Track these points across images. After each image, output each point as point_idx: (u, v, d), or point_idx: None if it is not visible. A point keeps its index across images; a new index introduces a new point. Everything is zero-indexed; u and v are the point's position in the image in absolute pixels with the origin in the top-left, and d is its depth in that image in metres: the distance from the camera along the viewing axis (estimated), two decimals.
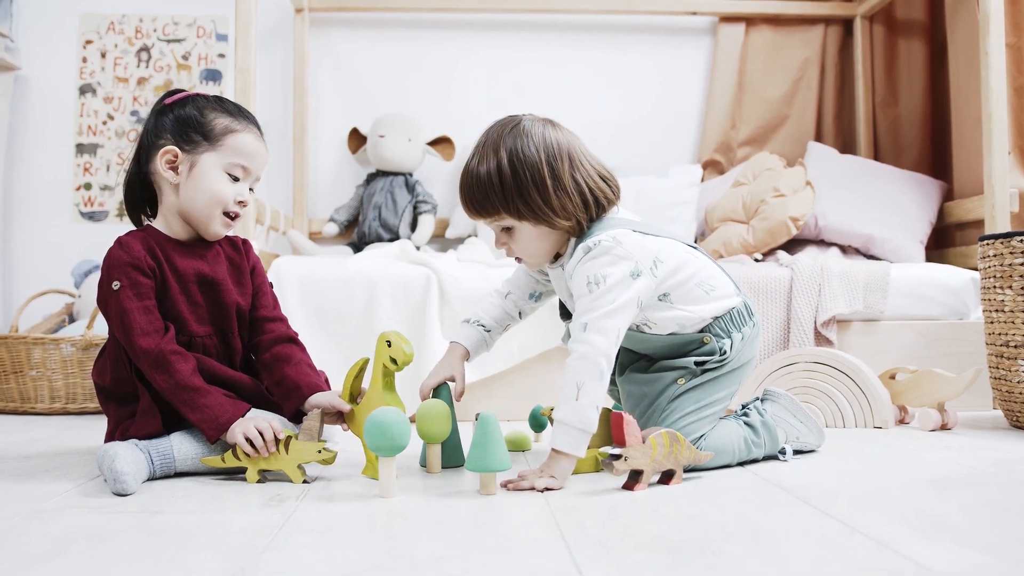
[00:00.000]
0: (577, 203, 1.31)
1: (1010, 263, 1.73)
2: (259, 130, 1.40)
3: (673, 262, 1.33)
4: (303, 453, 1.24)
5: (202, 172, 1.33)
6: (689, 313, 1.34)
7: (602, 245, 1.27)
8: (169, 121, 1.35)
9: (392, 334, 1.27)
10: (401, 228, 2.73)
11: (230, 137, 1.34)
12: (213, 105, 1.36)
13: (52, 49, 2.89)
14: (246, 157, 1.36)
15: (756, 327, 1.40)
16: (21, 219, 2.85)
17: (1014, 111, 2.26)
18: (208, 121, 1.34)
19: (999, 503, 1.09)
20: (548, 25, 3.01)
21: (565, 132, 1.37)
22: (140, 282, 1.30)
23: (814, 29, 2.99)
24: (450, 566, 0.82)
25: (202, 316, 1.37)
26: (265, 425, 1.25)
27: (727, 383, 1.37)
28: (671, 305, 1.33)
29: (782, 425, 1.43)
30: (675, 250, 1.35)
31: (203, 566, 0.83)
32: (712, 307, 1.35)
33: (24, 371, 2.03)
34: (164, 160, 1.33)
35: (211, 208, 1.34)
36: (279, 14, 2.95)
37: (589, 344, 1.22)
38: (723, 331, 1.35)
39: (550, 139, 1.33)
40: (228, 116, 1.36)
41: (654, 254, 1.31)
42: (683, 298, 1.33)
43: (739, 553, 0.86)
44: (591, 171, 1.34)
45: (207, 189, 1.33)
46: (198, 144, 1.33)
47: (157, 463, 1.26)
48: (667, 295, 1.33)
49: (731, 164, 2.94)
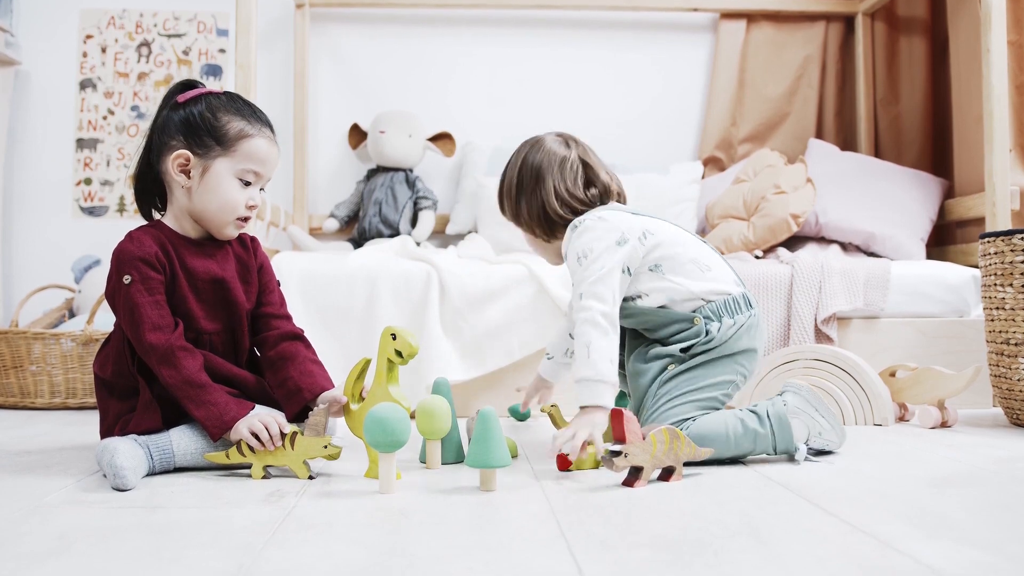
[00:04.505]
0: (536, 219, 1.47)
1: (1011, 261, 1.73)
2: (272, 132, 1.38)
3: (665, 236, 1.41)
4: (309, 449, 1.25)
5: (215, 178, 1.31)
6: (677, 285, 1.38)
7: (586, 223, 1.41)
8: (181, 121, 1.32)
9: (396, 327, 1.27)
10: (401, 224, 2.73)
11: (244, 143, 1.32)
12: (227, 106, 1.33)
13: (53, 44, 2.89)
14: (259, 163, 1.34)
15: (755, 318, 1.40)
16: (21, 214, 2.85)
17: (1015, 108, 2.25)
18: (222, 125, 1.31)
19: (999, 501, 1.09)
20: (549, 21, 3.01)
21: (549, 154, 1.48)
22: (151, 276, 1.29)
23: (815, 26, 2.98)
24: (451, 563, 0.82)
25: (211, 313, 1.36)
26: (270, 420, 1.25)
27: (719, 370, 1.36)
28: (663, 276, 1.39)
29: (802, 418, 1.35)
30: (669, 228, 1.44)
31: (204, 563, 0.83)
32: (704, 286, 1.38)
33: (24, 366, 2.03)
34: (176, 164, 1.31)
35: (223, 215, 1.33)
36: (280, 9, 2.94)
37: (587, 309, 1.32)
38: (714, 314, 1.37)
39: (529, 159, 1.49)
40: (242, 119, 1.33)
41: (643, 227, 1.41)
42: (675, 270, 1.39)
43: (740, 551, 0.86)
44: (552, 194, 1.46)
45: (220, 196, 1.32)
46: (211, 149, 1.31)
47: (156, 459, 1.26)
48: (659, 266, 1.40)
49: (732, 161, 2.94)
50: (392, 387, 1.28)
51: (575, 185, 1.47)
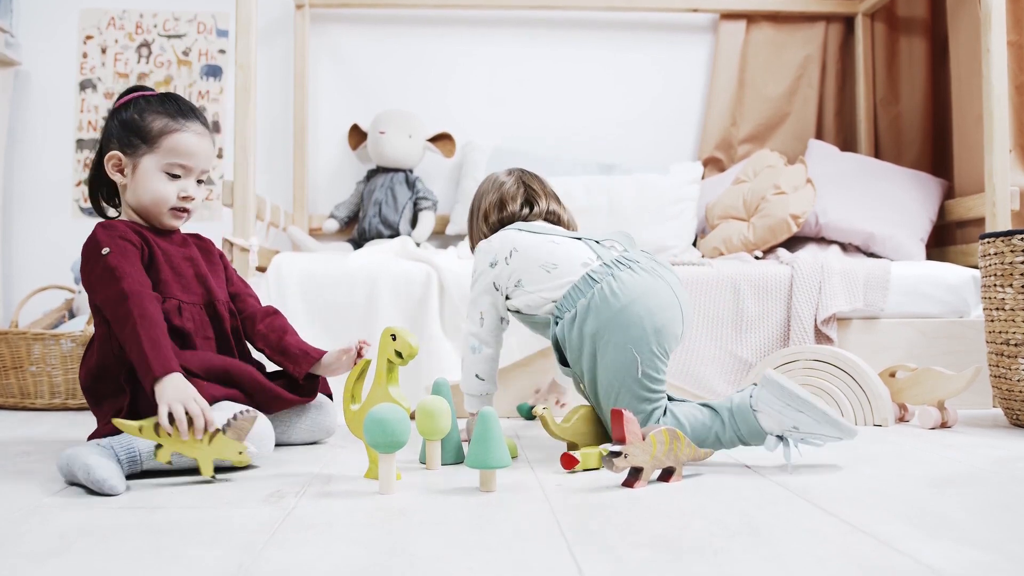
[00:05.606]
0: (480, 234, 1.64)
1: (1011, 261, 1.73)
2: (203, 125, 1.45)
3: (524, 247, 1.48)
4: (223, 450, 1.21)
5: (142, 174, 1.40)
6: (532, 293, 1.45)
7: (479, 245, 1.56)
8: (116, 125, 1.42)
9: (396, 328, 1.27)
10: (401, 224, 2.73)
11: (166, 138, 1.40)
12: (154, 106, 1.41)
13: (53, 45, 2.89)
14: (183, 156, 1.41)
15: (599, 294, 1.34)
16: (21, 215, 2.85)
17: (1015, 109, 2.25)
18: (147, 124, 1.40)
19: (999, 501, 1.09)
20: (549, 22, 3.01)
21: (492, 191, 1.64)
22: (128, 248, 1.36)
23: (815, 26, 2.98)
24: (451, 563, 0.82)
25: (186, 286, 1.44)
26: (198, 411, 1.20)
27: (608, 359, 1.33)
28: (524, 289, 1.47)
29: (770, 414, 1.29)
30: (533, 238, 1.50)
31: (204, 563, 0.83)
32: (551, 285, 1.43)
33: (24, 367, 2.03)
34: (111, 164, 1.42)
35: (156, 207, 1.42)
36: (280, 10, 2.94)
37: (464, 330, 1.55)
38: (561, 310, 1.40)
39: (477, 192, 1.68)
40: (166, 116, 1.41)
41: (513, 244, 1.49)
42: (530, 280, 1.46)
43: (740, 551, 0.86)
44: (483, 222, 1.63)
45: (148, 190, 1.40)
46: (138, 147, 1.40)
47: (123, 459, 1.20)
48: (520, 280, 1.47)
49: (732, 161, 2.94)
50: (392, 388, 1.28)
51: (491, 208, 1.62)
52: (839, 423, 1.27)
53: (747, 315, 2.04)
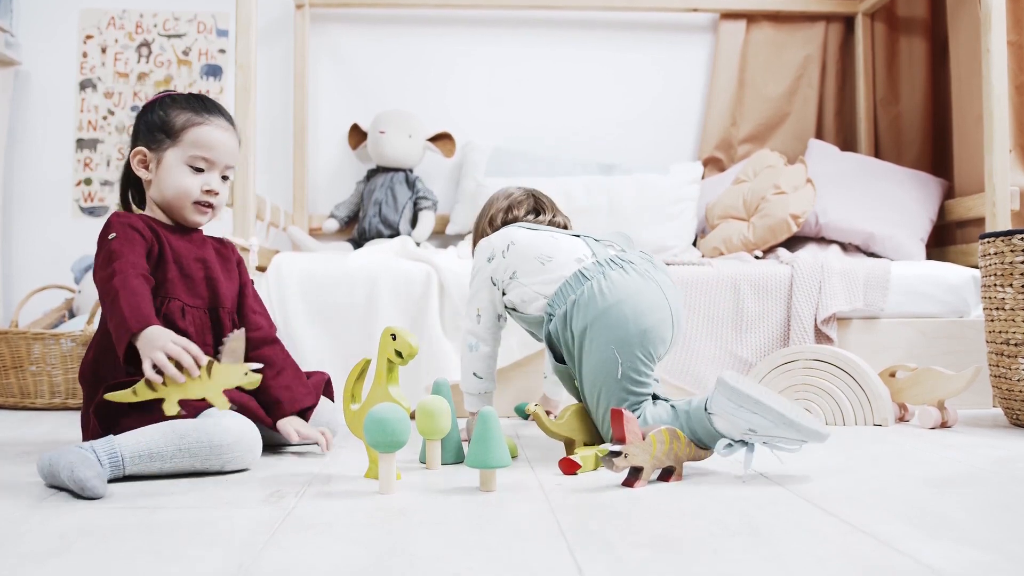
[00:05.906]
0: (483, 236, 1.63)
1: (1011, 261, 1.73)
2: (227, 120, 1.46)
3: (521, 240, 1.49)
4: (228, 376, 1.17)
5: (166, 167, 1.42)
6: (526, 287, 1.45)
7: (479, 244, 1.56)
8: (142, 124, 1.44)
9: (396, 328, 1.27)
10: (401, 224, 2.73)
11: (190, 131, 1.41)
12: (180, 103, 1.43)
13: (53, 44, 2.89)
14: (206, 148, 1.42)
15: (588, 292, 1.34)
16: (21, 214, 2.85)
17: (1015, 109, 2.25)
18: (171, 119, 1.41)
19: (999, 501, 1.09)
20: (549, 22, 3.01)
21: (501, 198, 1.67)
22: (135, 237, 1.36)
23: (815, 26, 2.98)
24: (451, 563, 0.82)
25: (193, 289, 1.43)
26: (178, 350, 1.17)
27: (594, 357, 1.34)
28: (519, 282, 1.47)
29: (725, 416, 1.23)
30: (528, 233, 1.51)
31: (204, 563, 0.83)
32: (544, 278, 1.43)
33: (24, 366, 2.03)
34: (136, 160, 1.44)
35: (179, 200, 1.43)
36: (280, 10, 2.94)
37: (463, 328, 1.56)
38: (553, 305, 1.40)
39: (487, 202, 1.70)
40: (190, 111, 1.42)
41: (510, 239, 1.50)
42: (525, 272, 1.46)
43: (740, 551, 0.86)
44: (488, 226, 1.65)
45: (172, 183, 1.42)
46: (162, 142, 1.41)
47: (105, 463, 1.17)
48: (515, 273, 1.47)
49: (732, 161, 2.94)
50: (392, 387, 1.28)
51: (498, 212, 1.63)
52: (798, 425, 1.19)
53: (747, 315, 2.04)
